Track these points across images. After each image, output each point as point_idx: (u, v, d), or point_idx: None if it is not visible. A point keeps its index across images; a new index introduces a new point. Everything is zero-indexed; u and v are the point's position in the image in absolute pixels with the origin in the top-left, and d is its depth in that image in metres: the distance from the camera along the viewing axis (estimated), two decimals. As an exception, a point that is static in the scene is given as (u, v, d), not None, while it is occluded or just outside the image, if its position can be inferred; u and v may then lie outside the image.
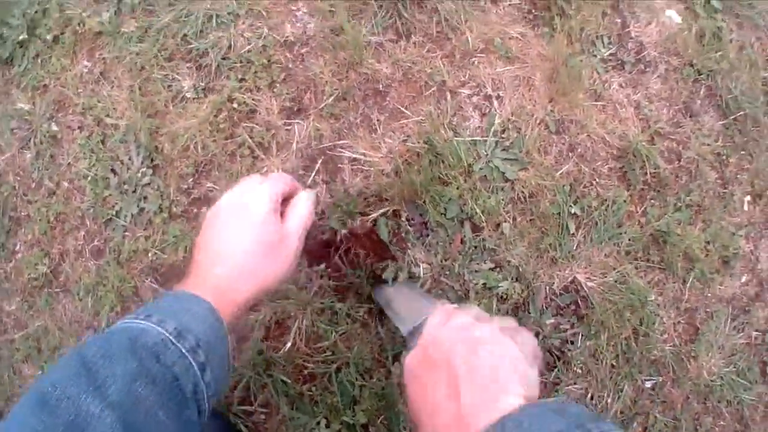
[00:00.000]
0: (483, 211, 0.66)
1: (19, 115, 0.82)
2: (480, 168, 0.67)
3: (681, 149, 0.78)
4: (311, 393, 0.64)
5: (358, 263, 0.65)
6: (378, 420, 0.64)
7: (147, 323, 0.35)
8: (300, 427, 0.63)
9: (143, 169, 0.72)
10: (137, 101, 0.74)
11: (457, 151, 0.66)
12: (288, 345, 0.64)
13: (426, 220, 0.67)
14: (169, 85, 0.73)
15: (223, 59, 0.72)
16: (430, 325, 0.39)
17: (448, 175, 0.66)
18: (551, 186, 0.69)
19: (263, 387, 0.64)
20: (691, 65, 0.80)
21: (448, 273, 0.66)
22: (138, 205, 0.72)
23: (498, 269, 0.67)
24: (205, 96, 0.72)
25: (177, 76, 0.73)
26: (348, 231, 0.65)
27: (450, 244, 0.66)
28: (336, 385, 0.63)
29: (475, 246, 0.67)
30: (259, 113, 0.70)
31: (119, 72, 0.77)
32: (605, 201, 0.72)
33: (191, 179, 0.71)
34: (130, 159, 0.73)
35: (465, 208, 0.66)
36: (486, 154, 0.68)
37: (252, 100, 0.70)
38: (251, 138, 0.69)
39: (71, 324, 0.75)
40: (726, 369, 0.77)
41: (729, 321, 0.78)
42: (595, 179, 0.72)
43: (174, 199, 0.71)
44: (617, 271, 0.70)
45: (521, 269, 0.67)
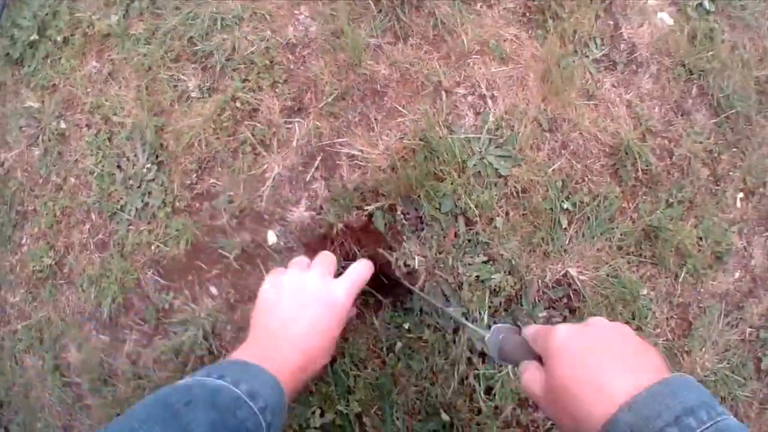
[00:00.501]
0: (476, 206, 0.68)
1: (29, 114, 0.85)
2: (474, 164, 0.69)
3: (673, 147, 0.79)
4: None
5: (354, 255, 0.67)
6: (372, 410, 0.65)
7: (222, 382, 0.37)
8: (295, 417, 0.65)
9: (148, 165, 0.74)
10: (144, 100, 0.76)
11: (452, 148, 0.68)
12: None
13: (421, 214, 0.68)
14: (175, 85, 0.76)
15: (228, 60, 0.75)
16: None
17: (442, 171, 0.68)
18: (544, 182, 0.70)
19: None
20: (683, 65, 0.82)
21: (442, 266, 0.68)
22: (142, 200, 0.74)
23: (491, 262, 0.68)
24: (210, 95, 0.74)
25: (183, 76, 0.76)
26: (344, 224, 0.67)
27: (444, 237, 0.68)
28: (331, 375, 0.65)
29: (469, 240, 0.68)
30: (261, 112, 0.72)
31: (127, 72, 0.79)
32: (597, 197, 0.73)
33: (194, 175, 0.73)
34: (135, 155, 0.76)
35: (459, 202, 0.68)
36: (480, 150, 0.70)
37: (254, 99, 0.72)
38: (253, 136, 0.71)
39: (74, 315, 0.77)
40: (720, 365, 0.78)
41: (722, 317, 0.79)
42: (587, 176, 0.74)
43: (177, 194, 0.73)
44: (609, 265, 0.72)
45: (514, 263, 0.68)
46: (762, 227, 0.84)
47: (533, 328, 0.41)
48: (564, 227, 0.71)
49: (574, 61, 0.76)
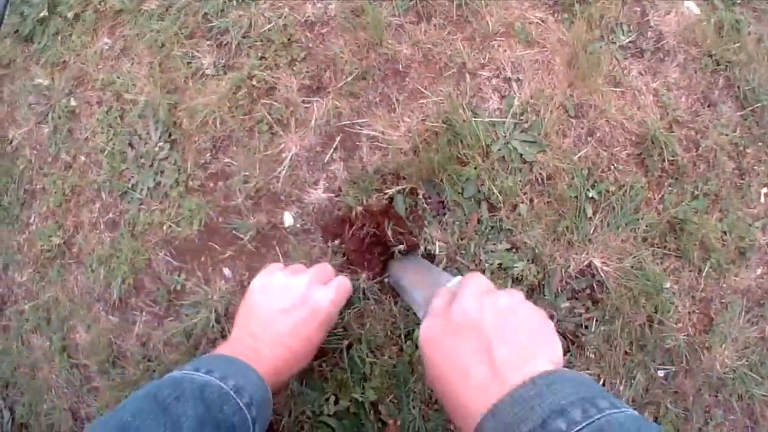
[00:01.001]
0: (500, 192, 0.66)
1: (38, 91, 0.83)
2: (498, 149, 0.67)
3: (699, 138, 0.77)
4: (321, 369, 0.63)
5: (373, 240, 0.65)
6: (388, 398, 0.63)
7: (210, 377, 0.39)
8: (309, 403, 0.63)
9: (161, 144, 0.72)
10: (157, 77, 0.74)
11: (476, 132, 0.66)
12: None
13: (443, 199, 0.66)
14: (189, 62, 0.74)
15: (244, 37, 0.72)
16: (448, 293, 0.39)
17: (466, 155, 0.66)
18: (569, 169, 0.69)
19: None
20: (710, 56, 0.80)
21: (463, 252, 0.66)
22: (154, 179, 0.72)
23: (514, 250, 0.67)
24: (225, 73, 0.72)
25: (197, 53, 0.74)
26: (364, 208, 0.65)
27: (467, 223, 0.66)
28: (347, 362, 0.63)
29: (492, 226, 0.66)
30: (279, 90, 0.70)
31: (139, 49, 0.77)
32: (623, 186, 0.71)
33: (209, 154, 0.71)
34: (148, 134, 0.74)
35: (482, 188, 0.66)
36: (504, 135, 0.68)
37: (271, 77, 0.70)
38: (270, 115, 0.69)
39: (82, 295, 0.75)
40: (739, 362, 0.76)
41: (743, 313, 0.78)
42: (613, 164, 0.72)
43: (191, 173, 0.71)
44: (633, 257, 0.70)
45: (537, 251, 0.66)
46: (786, 223, 0.82)
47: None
48: (589, 216, 0.69)
49: (600, 47, 0.74)
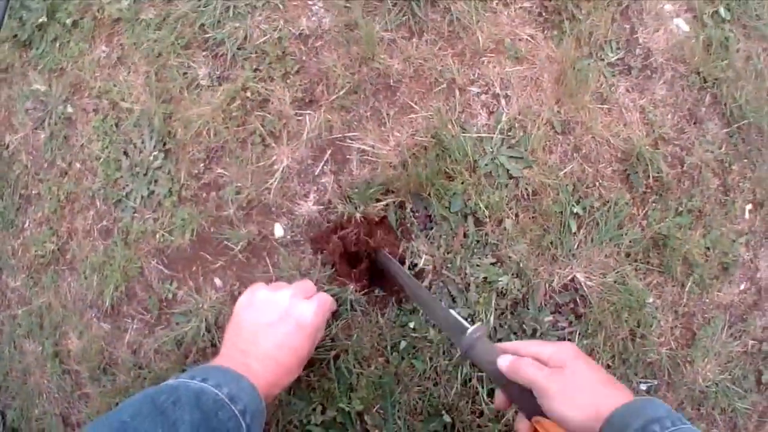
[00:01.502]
0: (486, 207, 0.67)
1: (35, 97, 0.84)
2: (485, 164, 0.68)
3: (684, 155, 0.79)
4: (309, 379, 0.65)
5: (361, 252, 0.66)
6: (374, 408, 0.64)
7: (205, 384, 0.40)
8: (296, 413, 0.64)
9: (155, 153, 0.73)
10: (153, 87, 0.75)
11: (464, 147, 0.67)
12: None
13: (430, 213, 0.68)
14: (185, 73, 0.75)
15: (239, 49, 0.74)
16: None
17: (453, 170, 0.67)
18: (554, 185, 0.70)
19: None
20: (697, 73, 0.82)
21: (449, 266, 0.67)
22: (148, 188, 0.73)
23: (499, 264, 0.68)
24: (220, 84, 0.73)
25: (193, 63, 0.75)
26: (354, 220, 0.66)
27: (453, 237, 0.67)
28: (334, 372, 0.64)
29: (478, 240, 0.68)
30: (272, 103, 0.71)
31: (136, 58, 0.78)
32: (607, 202, 0.73)
33: (202, 164, 0.72)
34: (143, 142, 0.75)
35: (469, 202, 0.67)
36: (492, 150, 0.69)
37: (265, 89, 0.71)
38: (263, 126, 0.70)
39: (75, 302, 0.76)
40: (721, 376, 0.78)
41: (726, 328, 0.79)
42: (599, 180, 0.73)
43: (184, 183, 0.72)
44: (617, 272, 0.71)
45: (522, 265, 0.68)
46: (769, 239, 0.84)
47: (506, 358, 0.46)
48: (573, 231, 0.70)
49: (589, 64, 0.75)
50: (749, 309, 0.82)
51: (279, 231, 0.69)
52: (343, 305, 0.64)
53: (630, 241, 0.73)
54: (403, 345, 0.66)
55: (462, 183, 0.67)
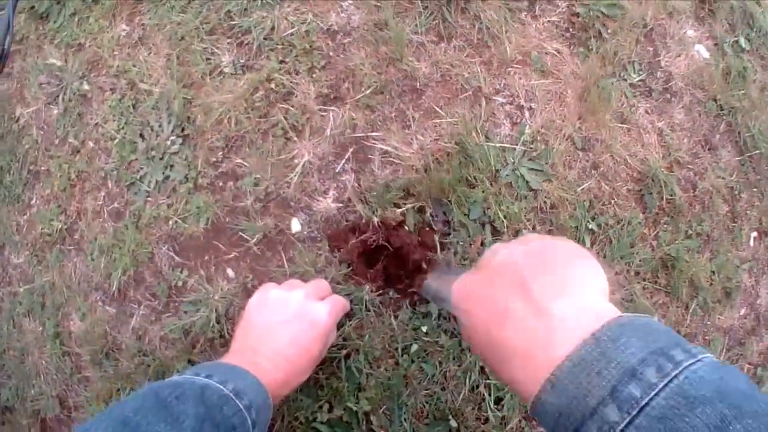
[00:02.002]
0: (505, 217, 0.67)
1: (50, 71, 0.82)
2: (506, 174, 0.69)
3: (697, 179, 0.80)
4: (317, 377, 0.64)
5: (379, 253, 0.66)
6: (380, 409, 0.64)
7: (210, 380, 0.40)
8: (303, 409, 0.64)
9: (173, 138, 0.72)
10: (174, 70, 0.74)
11: (487, 156, 0.68)
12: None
13: (449, 219, 0.68)
14: (208, 59, 0.74)
15: (265, 39, 0.73)
16: (483, 258, 0.33)
17: (475, 178, 0.67)
18: (572, 200, 0.71)
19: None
20: (715, 100, 0.83)
21: (464, 273, 0.67)
22: (163, 173, 0.72)
23: (513, 275, 0.68)
24: (243, 73, 0.72)
25: (217, 50, 0.74)
26: (374, 221, 0.66)
27: (470, 244, 0.67)
28: (344, 371, 0.64)
29: (494, 250, 0.68)
30: (296, 96, 0.70)
31: (158, 39, 0.77)
32: (621, 221, 0.74)
33: (221, 153, 0.71)
34: (160, 126, 0.73)
35: (488, 211, 0.68)
36: (513, 161, 0.70)
37: (290, 82, 0.71)
38: (286, 119, 0.70)
39: (80, 283, 0.75)
40: (716, 397, 0.79)
41: (724, 351, 0.81)
42: (614, 198, 0.74)
43: (201, 171, 0.71)
44: (625, 289, 0.72)
45: (535, 277, 0.68)
46: (771, 267, 0.86)
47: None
48: (587, 247, 0.71)
49: (612, 83, 0.76)
50: (748, 334, 0.84)
51: (296, 226, 0.68)
52: (358, 305, 0.64)
53: (640, 260, 0.74)
54: (414, 348, 0.66)
55: (483, 191, 0.67)
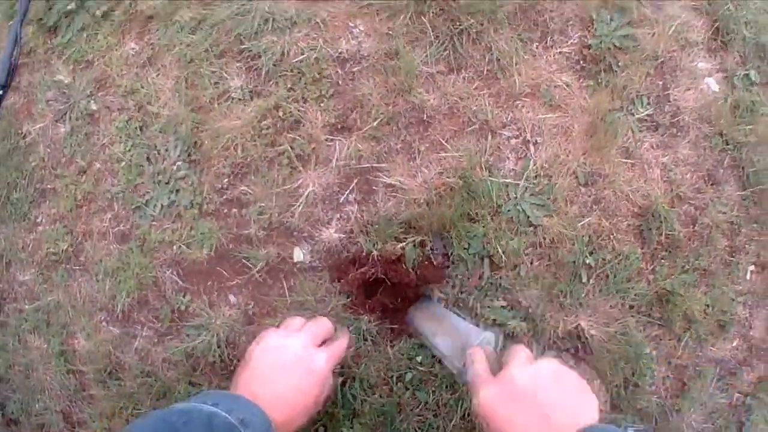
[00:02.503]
0: (504, 252, 0.68)
1: (57, 87, 0.82)
2: (508, 210, 0.70)
3: (698, 214, 0.81)
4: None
5: (378, 285, 0.67)
6: (376, 436, 0.66)
7: (216, 409, 0.41)
8: (300, 433, 0.66)
9: (179, 163, 0.73)
10: (182, 93, 0.74)
11: (489, 191, 0.68)
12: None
13: (449, 252, 0.69)
14: (217, 83, 0.74)
15: (275, 65, 0.73)
16: (485, 355, 0.50)
17: (477, 213, 0.68)
18: (571, 235, 0.71)
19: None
20: (721, 134, 0.83)
21: (461, 306, 0.68)
22: (169, 197, 0.72)
23: (509, 308, 0.70)
24: (252, 99, 0.72)
25: (226, 74, 0.74)
26: (375, 254, 0.67)
27: (468, 278, 0.68)
28: (340, 397, 0.66)
29: (492, 283, 0.69)
30: (303, 125, 0.71)
31: (167, 60, 0.77)
32: (619, 255, 0.75)
33: (226, 180, 0.72)
34: (167, 150, 0.74)
35: (488, 246, 0.69)
36: (516, 196, 0.70)
37: (298, 111, 0.71)
38: (292, 148, 0.70)
39: (85, 303, 0.76)
40: (705, 425, 0.81)
41: (715, 381, 0.83)
42: (613, 233, 0.75)
43: (207, 197, 0.72)
44: (620, 323, 0.73)
45: (531, 311, 0.69)
46: (767, 300, 0.87)
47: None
48: (583, 281, 0.72)
49: (619, 118, 0.76)
50: (739, 364, 0.86)
51: (298, 255, 0.69)
52: (356, 334, 0.66)
53: (635, 294, 0.75)
54: (409, 377, 0.68)
55: (483, 226, 0.68)
